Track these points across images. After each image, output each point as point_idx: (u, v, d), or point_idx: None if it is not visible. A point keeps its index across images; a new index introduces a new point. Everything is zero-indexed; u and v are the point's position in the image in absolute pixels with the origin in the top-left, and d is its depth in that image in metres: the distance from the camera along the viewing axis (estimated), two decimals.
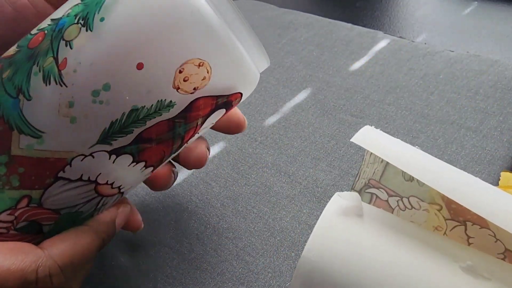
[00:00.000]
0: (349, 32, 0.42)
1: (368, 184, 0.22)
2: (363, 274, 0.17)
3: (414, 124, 0.32)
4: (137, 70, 0.17)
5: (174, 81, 0.18)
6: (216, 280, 0.26)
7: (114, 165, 0.18)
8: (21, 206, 0.18)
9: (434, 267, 0.17)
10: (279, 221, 0.28)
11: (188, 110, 0.19)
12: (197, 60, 0.18)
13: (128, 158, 0.19)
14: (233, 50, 0.19)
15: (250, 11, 0.48)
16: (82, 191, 0.18)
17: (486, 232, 0.19)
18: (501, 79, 0.34)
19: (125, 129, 0.18)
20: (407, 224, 0.19)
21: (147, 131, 0.18)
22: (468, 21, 0.44)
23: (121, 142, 0.18)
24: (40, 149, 0.17)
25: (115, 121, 0.17)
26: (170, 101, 0.18)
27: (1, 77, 0.18)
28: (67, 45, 0.17)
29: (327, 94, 0.36)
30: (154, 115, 0.18)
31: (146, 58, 0.17)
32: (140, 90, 0.17)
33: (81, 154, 0.18)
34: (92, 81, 0.17)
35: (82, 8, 0.17)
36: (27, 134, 0.17)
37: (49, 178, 0.18)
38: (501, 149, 0.29)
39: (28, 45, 0.18)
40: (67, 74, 0.17)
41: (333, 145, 0.32)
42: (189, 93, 0.18)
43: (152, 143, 0.19)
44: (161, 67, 0.17)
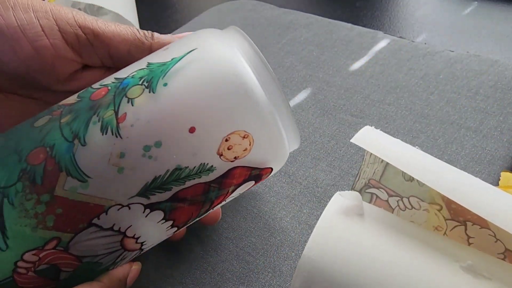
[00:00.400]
0: (349, 32, 0.42)
1: (368, 184, 0.22)
2: (363, 274, 0.17)
3: (414, 124, 0.32)
4: (189, 133, 0.18)
5: (219, 148, 0.19)
6: (216, 280, 0.26)
7: (145, 219, 0.19)
8: (48, 247, 0.18)
9: (434, 267, 0.17)
10: (279, 221, 0.28)
11: (224, 176, 0.20)
12: (243, 132, 0.19)
13: (160, 215, 0.19)
14: (275, 129, 0.20)
15: (250, 11, 0.48)
16: (108, 241, 0.19)
17: (486, 232, 0.19)
18: (501, 79, 0.34)
19: (165, 185, 0.19)
20: (407, 224, 0.19)
21: (184, 191, 0.19)
22: (468, 21, 0.44)
23: (159, 197, 0.19)
24: (83, 193, 0.18)
25: (158, 176, 0.18)
26: (211, 165, 0.19)
27: (59, 121, 0.19)
28: (129, 102, 0.19)
29: (327, 94, 0.36)
30: (194, 177, 0.19)
31: (199, 123, 0.19)
32: (188, 151, 0.19)
33: (119, 203, 0.18)
34: (146, 137, 0.18)
35: (147, 72, 0.19)
36: (74, 177, 0.18)
37: (83, 223, 0.18)
38: (501, 149, 0.29)
39: (90, 96, 0.19)
40: (124, 127, 0.18)
41: (333, 145, 0.32)
42: (230, 161, 0.20)
43: (185, 203, 0.20)
44: (211, 134, 0.19)
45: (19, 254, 0.18)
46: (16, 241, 0.18)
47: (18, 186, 0.18)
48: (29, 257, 0.18)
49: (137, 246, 0.20)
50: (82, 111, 0.19)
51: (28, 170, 0.18)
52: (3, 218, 0.18)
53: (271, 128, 0.20)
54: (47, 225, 0.18)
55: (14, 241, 0.18)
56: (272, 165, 0.22)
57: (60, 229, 0.18)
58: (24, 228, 0.18)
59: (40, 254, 0.18)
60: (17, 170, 0.18)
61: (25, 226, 0.18)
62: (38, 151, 0.18)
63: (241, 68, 0.19)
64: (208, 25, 0.48)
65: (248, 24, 0.47)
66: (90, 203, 0.18)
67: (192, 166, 0.19)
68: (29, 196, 0.18)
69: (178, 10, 0.57)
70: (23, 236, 0.18)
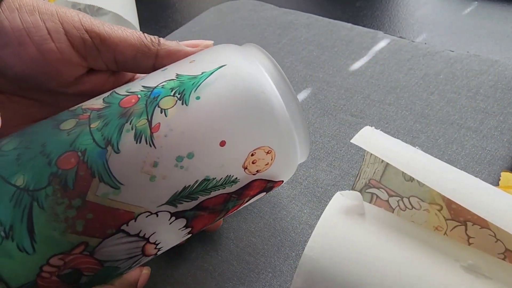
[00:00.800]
0: (349, 32, 0.42)
1: (368, 184, 0.22)
2: (364, 273, 0.17)
3: (415, 124, 0.32)
4: (219, 146, 0.19)
5: (245, 161, 0.20)
6: (217, 280, 0.26)
7: (169, 226, 0.20)
8: (75, 252, 0.18)
9: (435, 266, 0.17)
10: (280, 221, 0.28)
11: (245, 188, 0.21)
12: (267, 148, 0.20)
13: (183, 222, 0.20)
14: (292, 146, 0.22)
15: (250, 11, 0.48)
16: (132, 247, 0.19)
17: (487, 232, 0.19)
18: (501, 79, 0.34)
19: (193, 195, 0.20)
20: (408, 223, 0.19)
21: (208, 201, 0.20)
22: (468, 21, 0.44)
23: (185, 206, 0.20)
24: (114, 199, 0.18)
25: (187, 186, 0.19)
26: (236, 177, 0.20)
27: (89, 126, 0.19)
28: (162, 112, 0.19)
29: (327, 94, 0.36)
30: (219, 188, 0.20)
31: (229, 137, 0.19)
32: (217, 164, 0.19)
33: (149, 211, 0.19)
34: (179, 148, 0.19)
35: (178, 84, 0.20)
36: (107, 183, 0.18)
37: (112, 229, 0.18)
38: (501, 149, 0.29)
39: (119, 103, 0.20)
40: (158, 137, 0.19)
41: (333, 145, 0.32)
42: (252, 174, 0.21)
43: (206, 212, 0.21)
44: (239, 148, 0.20)
45: (46, 258, 0.18)
46: (44, 245, 0.18)
47: (48, 189, 0.18)
48: (55, 262, 0.18)
49: (155, 252, 0.21)
50: (113, 117, 0.19)
51: (59, 174, 0.18)
52: (32, 222, 0.17)
53: (290, 144, 0.21)
54: (77, 230, 0.18)
55: (42, 245, 0.18)
56: (283, 178, 0.23)
57: (89, 234, 0.18)
58: (53, 232, 0.18)
59: (66, 259, 0.18)
60: (46, 174, 0.18)
61: (54, 230, 0.18)
62: (69, 155, 0.18)
63: (268, 86, 0.20)
64: (208, 25, 0.48)
65: (248, 24, 0.47)
66: (120, 209, 0.18)
67: (219, 177, 0.20)
68: (60, 200, 0.18)
69: (178, 10, 0.57)
70: (52, 240, 0.18)
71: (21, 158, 0.18)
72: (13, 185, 0.17)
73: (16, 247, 0.17)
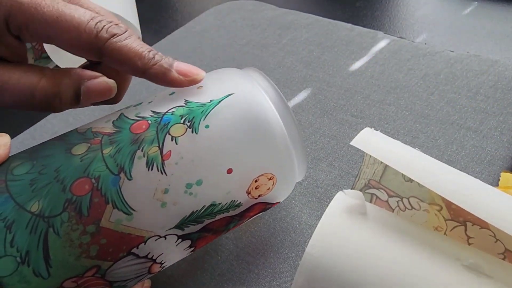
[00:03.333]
0: (349, 32, 0.42)
1: (368, 184, 0.22)
2: (366, 272, 0.17)
3: (414, 124, 0.32)
4: (226, 173, 0.20)
5: (249, 187, 0.21)
6: (217, 280, 0.26)
7: (176, 247, 0.21)
8: (88, 275, 0.19)
9: (436, 265, 0.17)
10: (280, 222, 0.28)
11: (246, 210, 0.22)
12: (270, 175, 0.21)
13: (188, 243, 0.21)
14: (293, 171, 0.23)
15: (250, 11, 0.48)
16: (140, 268, 0.20)
17: (486, 232, 0.19)
18: (501, 79, 0.34)
19: (199, 219, 0.20)
20: (409, 223, 0.19)
21: (212, 224, 0.21)
22: (468, 21, 0.44)
23: (191, 229, 0.20)
24: (127, 225, 0.19)
25: (195, 211, 0.20)
26: (239, 202, 0.21)
27: (102, 152, 0.19)
28: (172, 140, 0.19)
29: (327, 94, 0.36)
30: (223, 212, 0.21)
31: (236, 165, 0.20)
32: (223, 190, 0.20)
33: (158, 234, 0.19)
34: (189, 175, 0.19)
35: (187, 111, 0.20)
36: (120, 210, 0.18)
37: (123, 253, 0.19)
38: (501, 149, 0.29)
39: (130, 128, 0.20)
40: (169, 164, 0.19)
41: (333, 145, 0.32)
42: (254, 198, 0.22)
43: (210, 233, 0.21)
44: (245, 175, 0.21)
45: (60, 282, 0.18)
46: (58, 270, 0.18)
47: (64, 216, 0.18)
48: (69, 284, 0.18)
49: (159, 269, 0.22)
50: (124, 144, 0.19)
51: (73, 200, 0.18)
52: (48, 248, 0.18)
53: (290, 169, 0.22)
54: (91, 255, 0.18)
55: (56, 269, 0.18)
56: (281, 199, 0.24)
57: (102, 258, 0.18)
58: (68, 257, 0.18)
59: (79, 281, 0.18)
60: (62, 200, 0.18)
61: (69, 256, 0.18)
62: (83, 182, 0.18)
63: (272, 115, 0.21)
64: (208, 25, 0.48)
65: (248, 24, 0.47)
66: (132, 234, 0.19)
67: (224, 202, 0.21)
68: (75, 227, 0.18)
69: (178, 10, 0.57)
70: (66, 265, 0.18)
71: (35, 184, 0.18)
72: (28, 211, 0.18)
73: (32, 273, 0.17)
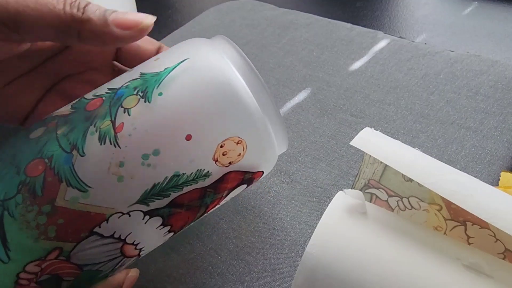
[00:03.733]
0: (349, 32, 0.42)
1: (368, 184, 0.22)
2: (366, 271, 0.17)
3: (414, 124, 0.32)
4: (185, 140, 0.19)
5: (215, 154, 0.20)
6: (216, 280, 0.26)
7: (145, 225, 0.20)
8: (51, 258, 0.18)
9: (437, 265, 0.17)
10: (279, 221, 0.28)
11: (219, 181, 0.21)
12: (237, 138, 0.20)
13: (159, 221, 0.20)
14: (265, 134, 0.21)
15: (250, 11, 0.48)
16: (109, 249, 0.19)
17: (486, 232, 0.19)
18: (501, 79, 0.34)
19: (164, 192, 0.19)
20: (409, 223, 0.19)
21: (181, 197, 0.20)
22: (468, 21, 0.44)
23: (158, 204, 0.19)
24: (84, 203, 0.18)
25: (157, 183, 0.19)
26: (207, 171, 0.20)
27: (56, 133, 0.19)
28: (125, 112, 0.19)
29: (327, 94, 0.36)
30: (191, 183, 0.20)
31: (195, 131, 0.19)
32: (185, 159, 0.19)
33: (120, 211, 0.19)
34: (144, 146, 0.19)
35: (141, 82, 0.20)
36: (75, 187, 0.18)
37: (84, 232, 0.18)
38: (501, 149, 0.29)
39: (85, 107, 0.20)
40: (122, 137, 0.18)
41: (333, 145, 0.32)
42: (225, 166, 0.20)
43: (182, 209, 0.20)
44: (207, 141, 0.19)
45: (22, 265, 0.18)
46: (18, 253, 0.18)
47: (18, 198, 0.18)
48: (32, 268, 0.18)
49: (136, 252, 0.21)
50: (78, 122, 0.19)
51: (27, 182, 0.18)
52: (4, 231, 0.18)
53: (262, 133, 0.21)
54: (49, 236, 0.18)
55: (16, 253, 0.18)
56: (263, 169, 0.23)
57: (62, 239, 0.18)
58: (26, 239, 0.18)
59: (42, 265, 0.18)
60: (16, 183, 0.18)
61: (27, 238, 0.18)
62: (36, 163, 0.18)
63: (233, 76, 0.20)
64: (208, 25, 0.48)
65: (248, 24, 0.47)
66: (91, 212, 0.18)
67: (190, 172, 0.19)
68: (30, 208, 0.18)
69: (178, 10, 0.57)
70: (25, 248, 0.18)
71: None
72: None
73: None
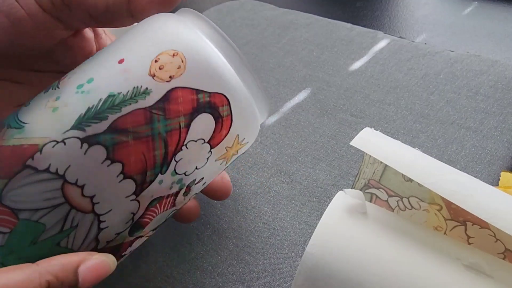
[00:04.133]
0: (349, 32, 0.42)
1: (368, 184, 0.22)
2: (366, 271, 0.17)
3: (414, 124, 0.32)
4: (118, 63, 0.19)
5: (150, 69, 0.19)
6: (216, 280, 0.26)
7: (85, 157, 0.17)
8: None
9: (437, 265, 0.17)
10: (279, 221, 0.28)
11: (165, 99, 0.19)
12: (171, 51, 0.19)
13: (101, 151, 0.18)
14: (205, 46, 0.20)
15: (250, 11, 0.48)
16: (47, 188, 0.17)
17: (486, 232, 0.19)
18: (501, 79, 0.34)
19: (100, 115, 0.18)
20: (409, 223, 0.19)
21: (122, 119, 0.18)
22: (468, 21, 0.44)
23: (95, 128, 0.18)
24: (17, 137, 0.18)
25: (91, 106, 0.18)
26: (146, 88, 0.18)
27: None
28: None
29: (327, 94, 0.36)
30: (129, 101, 0.18)
31: (127, 53, 0.19)
32: (119, 78, 0.18)
33: (54, 140, 0.17)
34: (79, 79, 0.19)
35: None
36: (13, 128, 0.18)
37: (17, 166, 0.17)
38: (501, 149, 0.29)
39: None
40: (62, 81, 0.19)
41: (333, 145, 0.32)
42: (165, 81, 0.19)
43: (128, 137, 0.18)
44: (139, 59, 0.19)
45: None
46: None
47: None
48: None
49: (85, 203, 0.18)
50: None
51: None
52: None
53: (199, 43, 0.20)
54: None
55: None
56: (222, 90, 0.20)
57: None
58: None
59: None
60: None
61: None
62: None
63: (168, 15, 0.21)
64: None
65: (248, 24, 0.47)
66: (24, 144, 0.17)
67: (126, 90, 0.18)
68: None
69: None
70: None
71: None
72: None
73: None
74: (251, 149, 0.33)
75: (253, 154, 0.33)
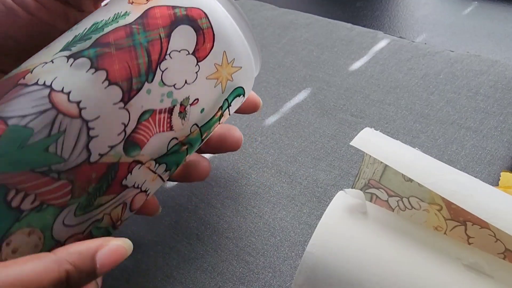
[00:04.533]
0: (349, 32, 0.42)
1: (368, 184, 0.22)
2: (366, 271, 0.17)
3: (414, 124, 0.32)
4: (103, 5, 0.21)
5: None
6: (216, 280, 0.26)
7: (71, 68, 0.19)
8: None
9: (437, 265, 0.17)
10: (279, 221, 0.28)
11: (143, 16, 0.20)
12: None
13: (86, 62, 0.19)
14: None
15: (250, 11, 0.48)
16: (35, 97, 0.18)
17: (486, 232, 0.19)
18: (501, 79, 0.34)
19: (85, 37, 0.20)
20: (409, 223, 0.19)
21: (105, 36, 0.19)
22: (468, 21, 0.44)
23: (80, 47, 0.19)
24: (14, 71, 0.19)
25: (77, 34, 0.20)
26: (125, 11, 0.20)
27: None
28: None
29: (327, 94, 0.36)
30: (111, 23, 0.20)
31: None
32: (102, 11, 0.21)
33: (43, 62, 0.19)
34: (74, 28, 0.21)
35: None
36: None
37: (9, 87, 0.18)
38: (501, 149, 0.29)
39: None
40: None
41: (333, 145, 0.32)
42: (142, 4, 0.20)
43: (111, 48, 0.19)
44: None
45: None
46: None
47: None
48: None
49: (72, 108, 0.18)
50: None
51: None
52: None
53: None
54: None
55: None
56: (197, 5, 0.21)
57: None
58: None
59: None
60: None
61: None
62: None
63: None
64: None
65: None
66: (18, 73, 0.19)
67: (108, 17, 0.20)
68: None
69: None
70: None
71: None
72: None
73: None
74: (251, 149, 0.33)
75: (253, 154, 0.33)
